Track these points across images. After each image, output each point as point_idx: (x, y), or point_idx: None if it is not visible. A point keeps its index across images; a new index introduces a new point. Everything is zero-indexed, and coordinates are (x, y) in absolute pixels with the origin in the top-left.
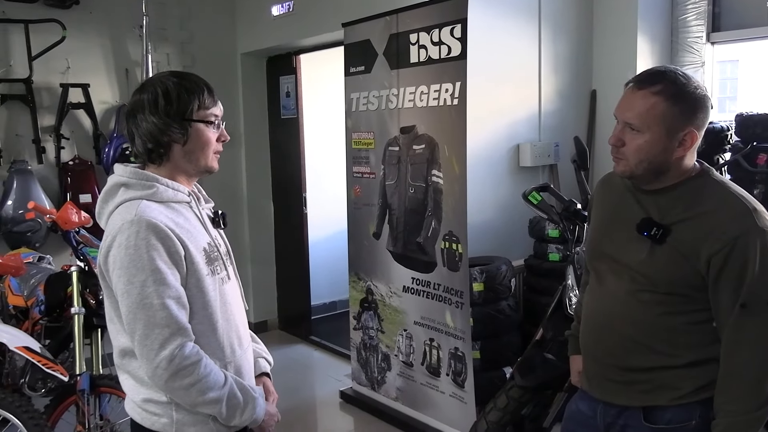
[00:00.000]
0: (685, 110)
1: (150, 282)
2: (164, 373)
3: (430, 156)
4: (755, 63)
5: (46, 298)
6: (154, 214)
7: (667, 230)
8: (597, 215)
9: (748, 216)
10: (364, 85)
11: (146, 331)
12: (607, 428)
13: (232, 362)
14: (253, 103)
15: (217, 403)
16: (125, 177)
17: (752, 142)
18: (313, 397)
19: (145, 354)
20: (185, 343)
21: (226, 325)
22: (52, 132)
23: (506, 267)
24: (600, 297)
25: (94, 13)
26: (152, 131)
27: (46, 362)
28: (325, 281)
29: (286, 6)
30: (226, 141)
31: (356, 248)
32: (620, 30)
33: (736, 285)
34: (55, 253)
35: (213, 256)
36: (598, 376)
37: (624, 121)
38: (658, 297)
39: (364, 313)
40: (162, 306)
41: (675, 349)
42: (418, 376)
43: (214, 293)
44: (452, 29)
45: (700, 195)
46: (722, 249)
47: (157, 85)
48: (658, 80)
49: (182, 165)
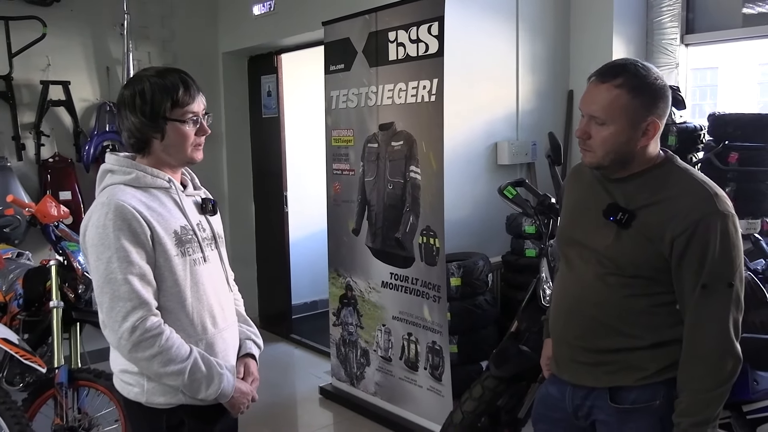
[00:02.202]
0: (646, 101)
1: (114, 259)
2: (127, 343)
3: (408, 152)
4: (733, 69)
5: (25, 292)
6: (126, 198)
7: (633, 215)
8: (567, 203)
9: (710, 200)
10: (343, 83)
11: (111, 304)
12: (575, 410)
13: (204, 340)
14: (234, 102)
15: (179, 375)
16: (110, 164)
17: (724, 141)
18: (293, 393)
19: (110, 325)
20: (147, 316)
21: (198, 303)
22: (32, 129)
23: (483, 262)
24: (569, 282)
25: (75, 10)
26: (131, 128)
27: (24, 353)
28: (306, 280)
29: (268, 5)
30: (206, 134)
31: (336, 245)
32: (596, 31)
33: (698, 266)
34: (34, 249)
35: (185, 239)
36: (567, 359)
37: (588, 114)
38: (624, 280)
39: (344, 309)
40: (125, 281)
41: (640, 331)
42: (397, 370)
43: (184, 273)
44: (429, 27)
45: (665, 181)
46: (684, 231)
47: (136, 84)
48: (619, 73)
49: (163, 157)
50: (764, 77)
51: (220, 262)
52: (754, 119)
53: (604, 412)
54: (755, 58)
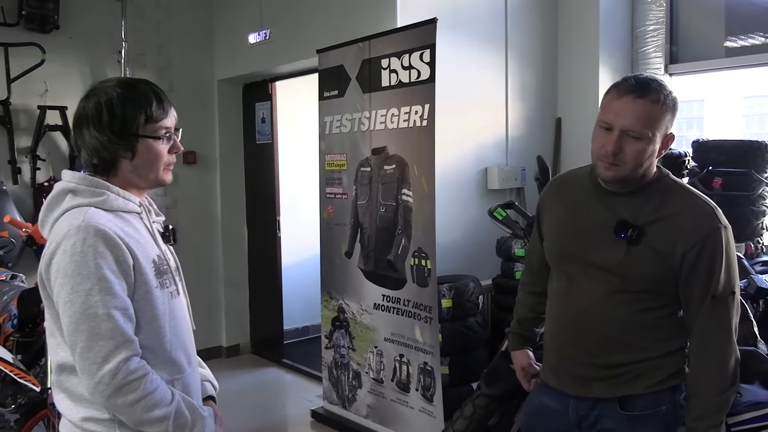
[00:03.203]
0: (671, 116)
1: (96, 291)
2: (106, 389)
3: (400, 175)
4: (719, 102)
5: (19, 313)
6: (103, 221)
7: (642, 231)
8: (555, 218)
9: (713, 215)
10: (337, 109)
11: (89, 344)
12: (580, 420)
13: (180, 380)
14: (228, 129)
15: (163, 421)
16: (74, 183)
17: (708, 167)
18: (284, 417)
19: (87, 368)
20: (131, 357)
21: (175, 340)
22: (29, 153)
23: (474, 284)
24: (573, 298)
25: (73, 38)
26: (96, 147)
27: (18, 372)
28: (298, 306)
29: (263, 34)
30: (179, 152)
31: (328, 267)
32: (583, 61)
33: (707, 278)
34: (27, 272)
35: (162, 269)
36: (572, 373)
37: (622, 129)
38: (634, 295)
39: (336, 332)
40: (107, 316)
41: (648, 343)
42: (388, 392)
43: (163, 307)
44: (421, 54)
45: (666, 196)
46: (695, 246)
47: (99, 95)
48: (655, 89)
49: (131, 178)
50: (749, 110)
51: (185, 295)
52: (737, 145)
53: (612, 421)
54: (740, 91)
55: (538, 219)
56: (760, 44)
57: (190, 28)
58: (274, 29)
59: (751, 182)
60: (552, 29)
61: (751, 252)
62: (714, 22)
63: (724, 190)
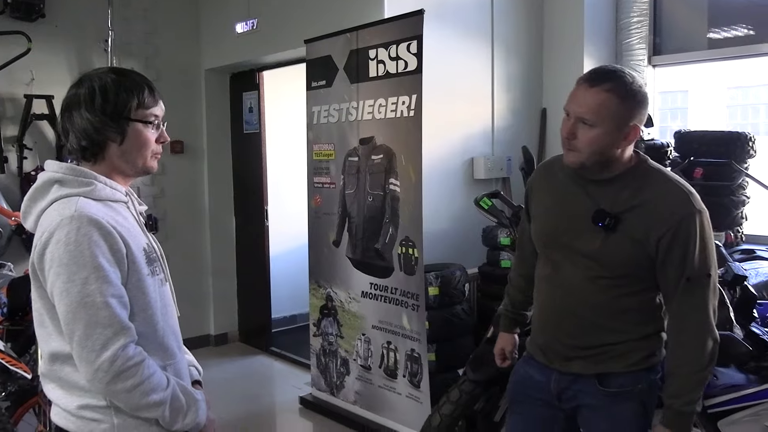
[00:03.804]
0: (631, 107)
1: (92, 279)
2: (105, 375)
3: (387, 165)
4: (703, 93)
5: (9, 301)
6: (94, 211)
7: (618, 219)
8: (542, 201)
9: (687, 200)
10: (325, 99)
11: (87, 332)
12: (560, 393)
13: (172, 365)
14: (215, 118)
15: (160, 405)
16: (60, 173)
17: (690, 157)
18: (272, 404)
19: (85, 356)
20: (128, 343)
21: (166, 327)
22: (15, 142)
23: (460, 272)
24: (557, 283)
25: (59, 26)
26: (87, 129)
27: (9, 359)
28: (286, 294)
29: (250, 24)
30: (165, 142)
31: (316, 256)
32: (568, 53)
33: (682, 262)
34: (15, 261)
35: (152, 257)
36: (555, 351)
37: (576, 116)
38: (613, 281)
39: (324, 320)
40: (105, 304)
41: (628, 326)
42: (376, 378)
43: (155, 294)
44: (409, 45)
45: (643, 183)
46: (668, 231)
47: (95, 80)
48: (609, 79)
49: (118, 164)
50: (732, 101)
51: (170, 283)
52: (718, 136)
53: (591, 397)
54: (723, 82)
55: (527, 202)
56: (743, 36)
57: (177, 17)
58: (262, 19)
59: (732, 172)
60: (537, 21)
61: (731, 241)
62: (697, 14)
63: (705, 180)
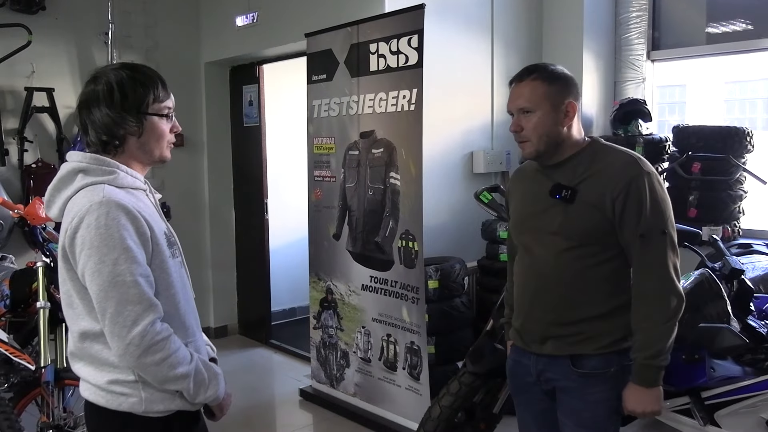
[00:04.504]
0: (561, 86)
1: (122, 260)
2: (136, 349)
3: (388, 159)
4: (700, 87)
5: (11, 293)
6: (120, 197)
7: (575, 190)
8: (515, 200)
9: (634, 163)
10: (325, 93)
11: (119, 308)
12: (539, 375)
13: (192, 342)
14: (215, 111)
15: (185, 378)
16: (84, 162)
17: (687, 152)
18: (272, 396)
19: (117, 331)
20: (156, 319)
21: (187, 306)
22: (16, 135)
23: (460, 266)
24: (530, 264)
25: (60, 19)
26: (107, 124)
27: (13, 351)
28: (285, 287)
29: (251, 17)
30: (178, 132)
31: (316, 249)
32: (568, 47)
33: (636, 220)
34: (17, 253)
35: (172, 240)
36: (530, 333)
37: (517, 108)
38: (579, 251)
39: (324, 313)
40: (134, 283)
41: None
42: (376, 371)
43: (176, 275)
44: (409, 39)
45: (595, 157)
46: (621, 192)
47: (111, 76)
48: (532, 71)
49: (137, 155)
50: (730, 95)
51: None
52: (715, 131)
53: (566, 378)
54: (721, 76)
55: (507, 207)
56: (741, 31)
57: (177, 10)
58: (262, 12)
59: (729, 167)
60: (537, 15)
61: (728, 235)
62: (696, 9)
63: (703, 174)
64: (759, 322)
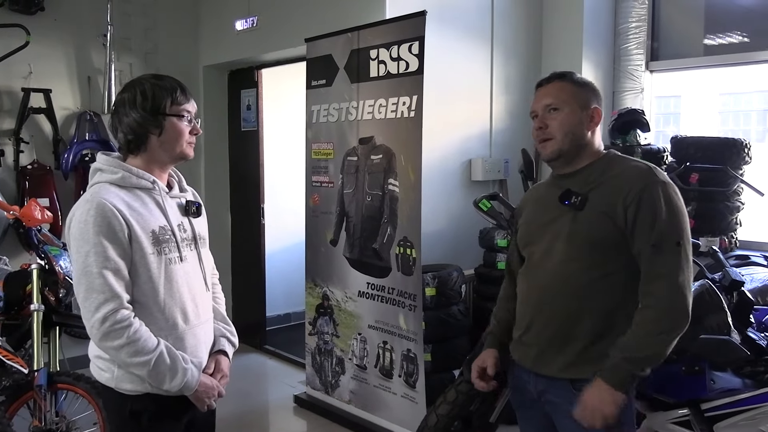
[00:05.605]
0: (588, 91)
1: (92, 253)
2: (97, 332)
3: (386, 165)
4: (695, 98)
5: (5, 295)
6: (108, 196)
7: (585, 197)
8: (526, 212)
9: (649, 172)
10: (324, 98)
11: (86, 295)
12: (539, 395)
13: (173, 334)
14: (213, 115)
15: (144, 365)
16: (100, 163)
17: (685, 162)
18: (266, 402)
19: (84, 314)
20: (118, 309)
21: (170, 300)
22: (12, 136)
23: (457, 273)
24: (534, 276)
25: (58, 20)
26: (131, 124)
27: (6, 354)
28: (281, 293)
29: (250, 21)
30: (198, 134)
31: (313, 255)
32: (567, 56)
33: (648, 229)
34: (11, 255)
35: (162, 239)
36: (530, 348)
37: (544, 106)
38: (584, 263)
39: (320, 319)
40: (99, 274)
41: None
42: (371, 378)
43: (158, 270)
44: (410, 46)
45: (608, 166)
46: (633, 201)
47: (137, 85)
48: (562, 75)
49: (158, 154)
50: (724, 107)
51: (199, 262)
52: (714, 142)
53: (568, 402)
54: (716, 88)
55: (516, 222)
56: (738, 43)
57: (177, 13)
58: (262, 17)
59: (727, 178)
60: (537, 24)
61: (725, 246)
62: (694, 21)
63: (701, 185)
64: (759, 334)
